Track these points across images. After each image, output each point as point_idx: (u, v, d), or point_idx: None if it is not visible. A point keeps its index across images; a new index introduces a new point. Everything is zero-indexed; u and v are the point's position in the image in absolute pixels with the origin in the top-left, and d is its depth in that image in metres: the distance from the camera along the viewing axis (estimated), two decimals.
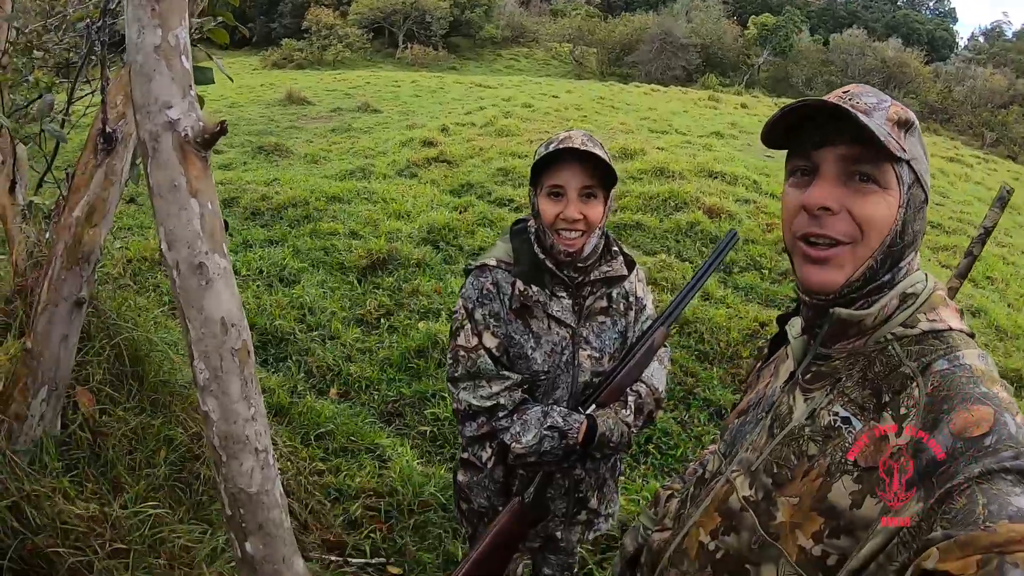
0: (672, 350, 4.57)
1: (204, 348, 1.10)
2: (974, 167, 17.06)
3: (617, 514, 2.09)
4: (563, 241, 1.69)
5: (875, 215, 0.93)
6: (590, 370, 1.80)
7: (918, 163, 0.96)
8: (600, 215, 1.71)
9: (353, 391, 4.06)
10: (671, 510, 1.29)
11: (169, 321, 3.60)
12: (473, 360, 1.72)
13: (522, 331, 1.75)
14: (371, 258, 5.74)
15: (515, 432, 1.69)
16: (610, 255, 1.83)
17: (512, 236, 1.83)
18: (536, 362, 1.76)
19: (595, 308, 1.81)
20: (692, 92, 24.86)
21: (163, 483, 2.42)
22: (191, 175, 1.12)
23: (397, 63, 38.83)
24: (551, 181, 1.68)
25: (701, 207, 7.29)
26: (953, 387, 0.84)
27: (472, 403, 1.72)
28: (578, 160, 1.65)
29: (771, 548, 0.94)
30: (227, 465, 1.13)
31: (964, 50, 63.80)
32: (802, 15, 52.52)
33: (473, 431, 1.76)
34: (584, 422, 1.70)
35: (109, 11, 2.04)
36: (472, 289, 1.76)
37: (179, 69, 1.16)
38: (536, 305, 1.74)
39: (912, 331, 0.94)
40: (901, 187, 0.94)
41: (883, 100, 0.97)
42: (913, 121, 0.97)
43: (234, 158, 9.92)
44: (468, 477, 1.88)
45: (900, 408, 0.87)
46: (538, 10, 59.39)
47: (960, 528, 0.71)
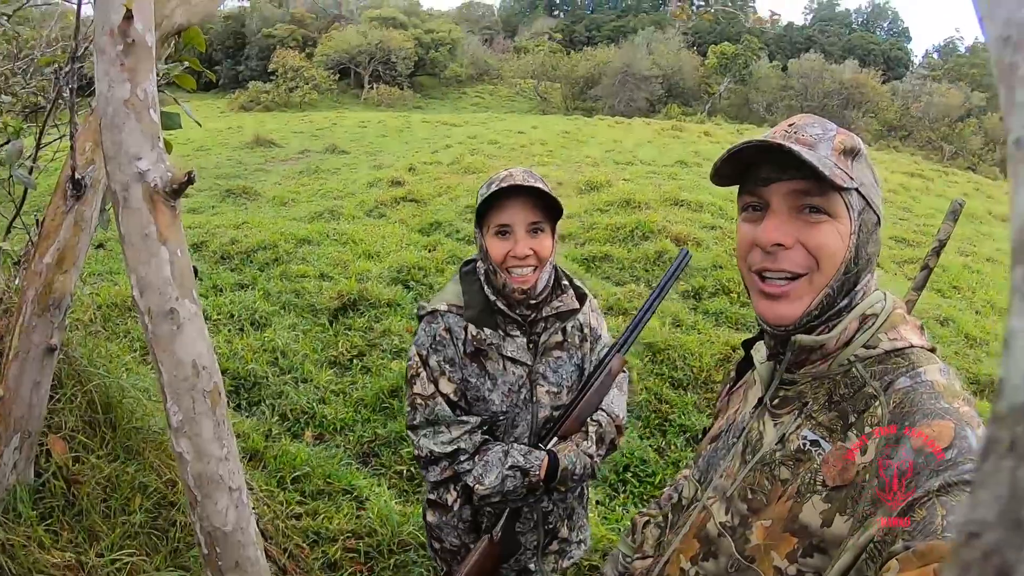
0: (646, 378, 4.62)
1: (177, 391, 1.13)
2: (935, 180, 17.40)
3: (590, 540, 2.10)
4: (515, 280, 1.68)
5: (828, 244, 0.96)
6: (549, 405, 1.80)
7: (867, 188, 0.98)
8: (550, 248, 1.71)
9: (328, 433, 4.03)
10: (649, 537, 1.32)
11: (141, 367, 3.58)
12: (431, 407, 1.71)
13: (478, 374, 1.75)
14: (342, 299, 5.73)
15: (477, 474, 1.69)
16: (560, 289, 1.83)
17: (461, 278, 1.82)
18: (494, 403, 1.75)
19: (550, 344, 1.80)
20: (656, 123, 25.17)
21: (139, 530, 2.39)
22: (161, 224, 1.15)
23: (363, 104, 39.14)
24: (498, 220, 1.66)
25: (668, 236, 7.38)
26: (914, 403, 0.86)
27: (433, 449, 1.72)
28: (523, 196, 1.65)
29: (748, 571, 0.96)
30: (202, 504, 1.14)
31: (919, 68, 65.25)
32: (760, 42, 53.83)
33: (436, 475, 1.76)
34: (545, 459, 1.70)
35: (77, 56, 2.06)
36: (425, 336, 1.75)
37: (148, 121, 1.20)
38: (490, 348, 1.73)
39: (874, 351, 0.96)
40: (851, 214, 0.96)
41: (828, 130, 1.00)
42: (859, 148, 0.99)
43: (203, 202, 9.87)
44: (437, 517, 1.86)
45: (865, 427, 0.89)
46: (502, 47, 60.40)
47: (920, 539, 0.73)
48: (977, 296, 7.54)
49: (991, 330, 6.33)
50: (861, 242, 0.97)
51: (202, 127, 3.52)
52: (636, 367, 4.77)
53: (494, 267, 1.69)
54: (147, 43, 1.23)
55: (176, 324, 1.13)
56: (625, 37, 53.60)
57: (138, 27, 1.21)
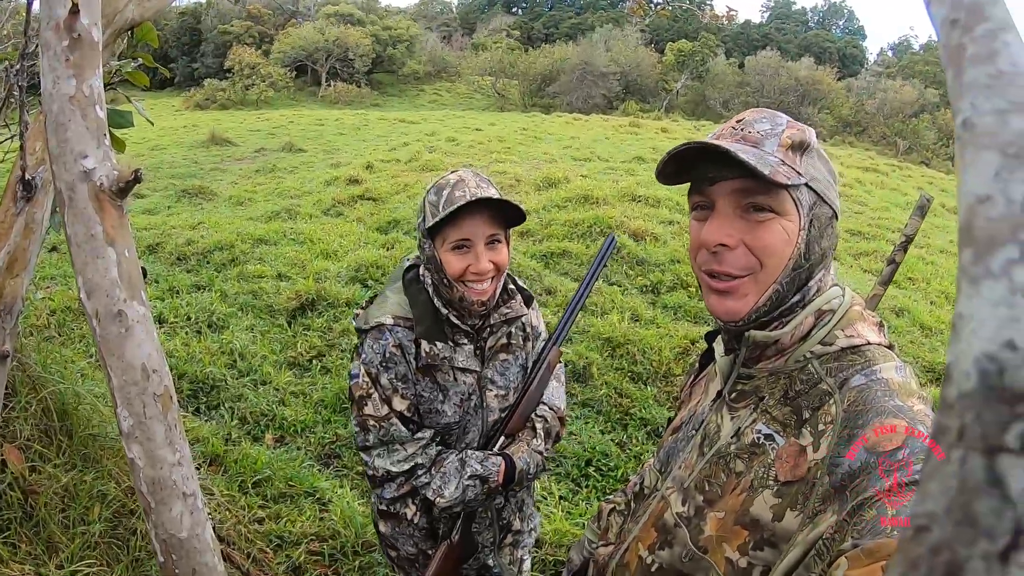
0: (606, 372, 4.65)
1: (127, 395, 1.10)
2: (889, 175, 17.79)
3: (539, 526, 2.13)
4: (474, 292, 1.61)
5: (773, 244, 0.96)
6: (498, 408, 1.77)
7: (819, 182, 0.97)
8: (507, 258, 1.66)
9: (289, 435, 3.98)
10: (612, 524, 1.32)
11: (96, 372, 3.50)
12: (386, 428, 1.64)
13: (430, 388, 1.69)
14: (300, 299, 5.66)
15: (437, 487, 1.65)
16: (508, 294, 1.79)
17: (406, 288, 1.72)
18: (447, 415, 1.71)
19: (496, 348, 1.76)
20: (613, 119, 25.39)
21: (99, 540, 2.35)
22: (107, 224, 1.12)
23: (320, 101, 38.82)
24: (456, 236, 1.57)
25: (626, 231, 7.42)
26: (868, 401, 0.87)
27: (390, 469, 1.66)
28: (481, 208, 1.56)
29: (701, 561, 0.97)
30: (156, 511, 1.12)
31: (874, 65, 66.67)
32: (717, 40, 54.54)
33: (393, 492, 1.70)
34: (502, 464, 1.67)
35: (27, 54, 2.00)
36: (373, 353, 1.64)
37: (94, 119, 1.16)
38: (442, 362, 1.67)
39: (830, 348, 0.96)
40: (800, 210, 0.95)
41: (777, 125, 0.99)
42: (809, 142, 0.98)
43: (158, 202, 9.69)
44: (390, 527, 1.80)
45: (818, 424, 0.90)
46: (460, 45, 60.30)
47: (869, 538, 0.73)
48: (931, 287, 7.74)
49: (945, 319, 6.50)
50: (813, 237, 0.97)
51: (155, 126, 3.46)
52: (596, 362, 4.80)
53: (449, 281, 1.61)
54: (94, 38, 1.20)
55: (125, 327, 1.10)
56: (583, 34, 53.88)
57: (84, 21, 1.18)
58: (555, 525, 3.21)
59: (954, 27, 0.31)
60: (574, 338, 5.13)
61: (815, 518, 0.83)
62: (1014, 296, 0.25)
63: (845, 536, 0.76)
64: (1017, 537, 0.24)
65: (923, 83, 44.12)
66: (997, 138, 0.28)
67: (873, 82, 45.04)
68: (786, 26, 77.57)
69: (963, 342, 0.26)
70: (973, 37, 0.31)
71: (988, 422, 0.25)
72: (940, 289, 7.68)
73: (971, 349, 0.26)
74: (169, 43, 47.37)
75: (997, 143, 0.28)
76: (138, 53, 2.36)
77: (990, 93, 0.29)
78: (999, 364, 0.25)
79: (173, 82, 45.58)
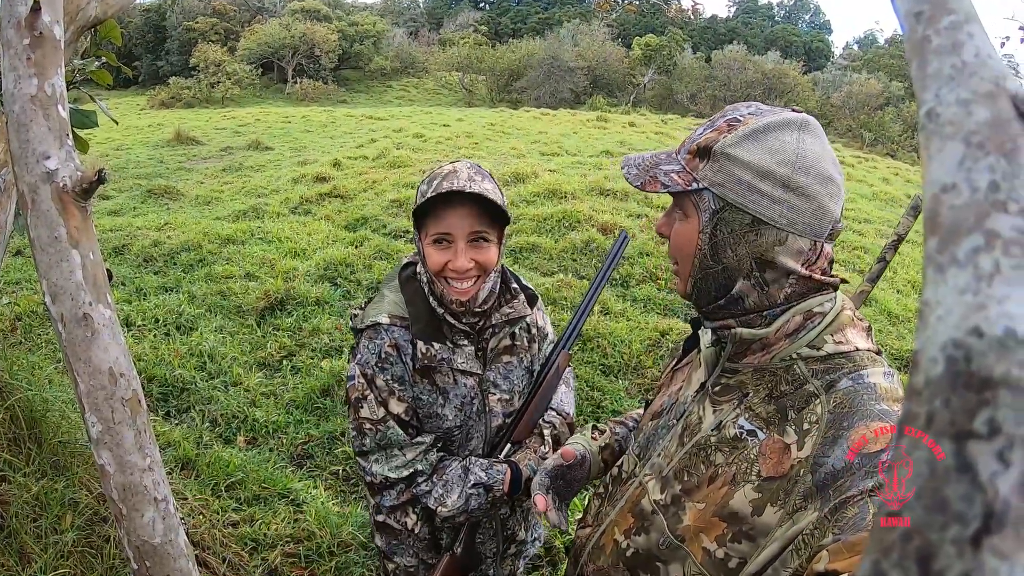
0: (576, 366, 4.66)
1: (95, 400, 1.08)
2: (855, 167, 17.97)
3: (544, 535, 2.03)
4: (453, 291, 1.54)
5: (675, 241, 1.06)
6: (502, 413, 1.69)
7: (728, 188, 0.96)
8: (495, 258, 1.56)
9: (261, 437, 3.94)
10: (592, 506, 1.33)
11: (64, 378, 3.44)
12: (382, 432, 1.56)
13: (429, 390, 1.60)
14: (269, 299, 5.61)
15: (438, 495, 1.57)
16: (510, 294, 1.71)
17: (402, 286, 1.65)
18: (447, 419, 1.62)
19: (499, 349, 1.68)
20: (581, 114, 25.36)
21: (72, 549, 2.30)
22: (71, 226, 1.10)
23: (287, 98, 38.41)
24: (436, 229, 1.50)
25: (595, 225, 7.44)
26: (854, 405, 0.88)
27: (388, 475, 1.57)
28: (465, 202, 1.47)
29: (679, 549, 0.98)
30: (128, 518, 1.10)
31: (840, 58, 67.33)
32: (684, 34, 54.94)
33: (393, 500, 1.60)
34: (508, 471, 1.59)
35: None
36: (368, 353, 1.56)
37: (56, 119, 1.14)
38: (440, 363, 1.58)
39: (818, 353, 0.97)
40: (700, 214, 1.00)
41: (706, 130, 1.01)
42: (711, 148, 0.98)
43: (123, 203, 9.52)
44: (389, 541, 1.70)
45: (803, 424, 0.91)
46: (427, 40, 60.10)
47: (850, 533, 0.75)
48: (899, 276, 7.85)
49: (912, 308, 6.62)
50: (721, 242, 0.98)
51: (120, 125, 3.40)
52: None
53: (431, 276, 1.55)
54: (55, 36, 1.18)
55: (91, 330, 1.09)
56: (551, 29, 53.93)
57: (46, 19, 1.16)
58: None
59: (919, 19, 0.32)
60: None
61: (795, 515, 0.84)
62: (980, 283, 0.26)
63: (826, 532, 0.78)
64: (988, 522, 0.24)
65: (888, 76, 44.62)
66: (961, 128, 0.29)
67: (839, 75, 45.45)
68: (753, 20, 78.43)
69: (930, 329, 0.27)
70: (938, 29, 0.31)
71: (956, 408, 0.25)
72: (907, 278, 7.80)
73: (938, 336, 0.26)
74: (133, 41, 46.58)
75: (961, 132, 0.29)
76: (101, 51, 2.32)
77: (954, 84, 0.30)
78: (966, 350, 0.25)
79: (137, 80, 44.89)
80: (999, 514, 0.24)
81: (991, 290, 0.26)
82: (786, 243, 0.97)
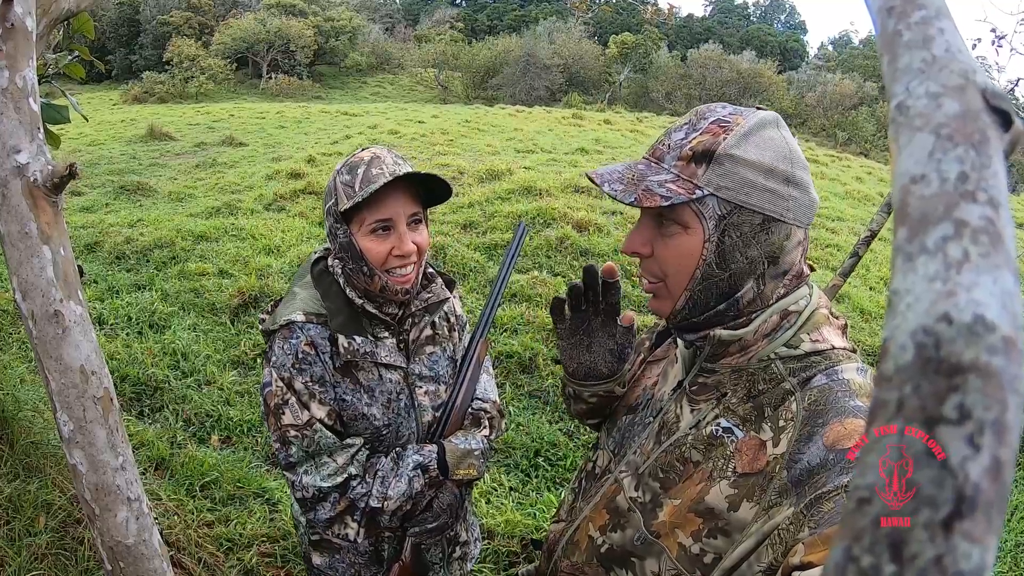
0: (552, 364, 4.67)
1: (66, 399, 1.07)
2: (828, 165, 18.08)
3: (480, 534, 2.01)
4: (397, 280, 1.49)
5: (672, 257, 0.98)
6: (430, 407, 1.64)
7: (732, 190, 0.94)
8: (428, 238, 1.54)
9: (235, 436, 3.90)
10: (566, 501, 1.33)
11: (36, 377, 3.39)
12: (310, 438, 1.45)
13: (352, 390, 1.52)
14: (243, 297, 5.55)
15: (379, 492, 1.49)
16: (427, 278, 1.67)
17: (316, 282, 1.58)
18: (376, 418, 1.55)
19: (421, 340, 1.64)
20: (556, 111, 25.32)
21: (46, 552, 2.28)
22: (42, 221, 1.08)
23: (261, 94, 38.04)
24: (376, 216, 1.44)
25: (570, 222, 7.42)
26: (829, 401, 0.89)
27: (320, 486, 1.46)
28: (401, 185, 1.45)
29: (654, 545, 0.99)
30: (101, 518, 1.09)
31: (815, 58, 67.86)
32: (660, 33, 55.18)
33: (329, 512, 1.49)
34: (435, 449, 1.56)
35: None
36: (284, 355, 1.46)
37: (27, 111, 1.12)
38: (363, 357, 1.51)
39: (795, 352, 0.97)
40: (704, 223, 0.95)
41: (694, 131, 0.97)
42: (714, 151, 0.94)
43: (96, 199, 9.36)
44: (327, 558, 1.65)
45: (779, 421, 0.92)
46: (403, 36, 59.87)
47: (826, 527, 0.76)
48: (871, 273, 7.92)
49: (883, 304, 6.65)
50: (730, 247, 0.95)
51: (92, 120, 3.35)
52: (541, 352, 4.80)
53: (370, 269, 1.47)
54: (27, 28, 1.16)
55: (62, 328, 1.07)
56: (527, 26, 54.04)
57: (18, 10, 1.14)
58: (506, 516, 3.21)
59: (890, 14, 0.32)
60: (519, 329, 5.13)
61: (771, 510, 0.85)
62: (949, 271, 0.26)
63: (801, 527, 0.79)
64: (959, 506, 0.24)
65: (862, 77, 45.07)
66: (931, 120, 0.29)
67: (813, 75, 45.89)
68: (728, 20, 79.07)
69: (899, 317, 0.27)
70: (909, 24, 0.32)
71: (926, 394, 0.26)
72: (880, 275, 7.87)
73: (907, 323, 0.27)
74: (106, 34, 45.85)
75: (931, 124, 0.29)
76: (74, 45, 2.28)
77: (924, 77, 0.30)
78: (936, 337, 0.26)
79: (111, 75, 44.21)
80: (970, 498, 0.24)
81: (960, 277, 0.26)
82: (791, 237, 0.97)
